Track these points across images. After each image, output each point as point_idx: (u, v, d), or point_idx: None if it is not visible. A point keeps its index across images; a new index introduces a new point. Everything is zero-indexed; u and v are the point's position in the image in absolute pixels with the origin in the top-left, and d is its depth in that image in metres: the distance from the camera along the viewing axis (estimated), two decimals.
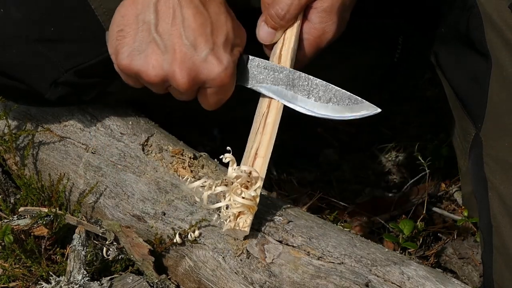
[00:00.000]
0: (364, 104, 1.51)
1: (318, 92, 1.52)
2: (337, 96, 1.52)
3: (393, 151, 2.26)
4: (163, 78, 1.48)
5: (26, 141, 1.78)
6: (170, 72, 1.46)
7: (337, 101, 1.52)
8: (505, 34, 1.55)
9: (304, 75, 1.53)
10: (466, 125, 1.67)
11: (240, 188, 1.48)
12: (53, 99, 1.66)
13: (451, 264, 1.97)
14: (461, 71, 1.67)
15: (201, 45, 1.45)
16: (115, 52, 1.50)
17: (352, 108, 1.52)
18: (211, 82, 1.48)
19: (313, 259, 1.48)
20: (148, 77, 1.48)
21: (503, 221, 1.57)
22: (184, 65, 1.45)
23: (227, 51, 1.48)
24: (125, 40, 1.48)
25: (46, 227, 1.65)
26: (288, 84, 1.52)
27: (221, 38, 1.47)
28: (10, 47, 1.63)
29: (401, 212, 2.09)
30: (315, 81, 1.52)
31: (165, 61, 1.46)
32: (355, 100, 1.51)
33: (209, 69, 1.46)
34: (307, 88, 1.53)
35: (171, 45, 1.45)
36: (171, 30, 1.45)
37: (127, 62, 1.48)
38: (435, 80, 2.33)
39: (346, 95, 1.52)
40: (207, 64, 1.46)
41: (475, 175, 1.65)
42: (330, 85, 1.52)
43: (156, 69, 1.47)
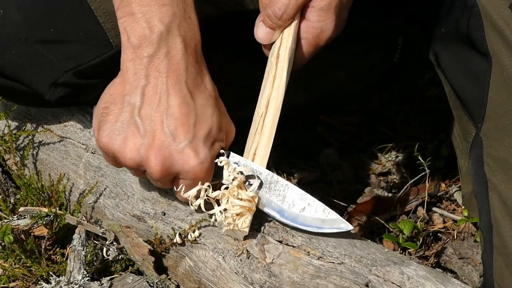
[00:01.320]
0: (337, 219, 1.49)
1: (293, 199, 1.50)
2: (312, 206, 1.49)
3: (393, 151, 2.26)
4: (138, 163, 1.47)
5: (26, 141, 1.78)
6: (145, 158, 1.45)
7: (311, 211, 1.49)
8: (505, 34, 1.55)
9: (282, 180, 1.51)
10: (466, 125, 1.67)
11: (236, 190, 1.48)
12: (53, 100, 1.66)
13: (451, 264, 1.97)
14: (462, 71, 1.67)
15: (181, 135, 1.44)
16: (97, 128, 1.49)
17: (324, 221, 1.49)
18: (185, 174, 1.47)
19: (313, 259, 1.48)
20: (124, 159, 1.47)
21: (504, 221, 1.57)
22: (160, 152, 1.44)
23: (207, 145, 1.46)
24: (108, 118, 1.48)
25: (46, 227, 1.65)
26: (264, 187, 1.50)
27: (203, 132, 1.46)
28: (10, 48, 1.63)
29: (401, 212, 2.09)
30: (292, 187, 1.50)
31: (143, 146, 1.45)
32: (328, 214, 1.49)
33: (184, 161, 1.45)
34: (282, 194, 1.50)
35: (151, 131, 1.45)
36: (153, 116, 1.44)
37: (106, 140, 1.47)
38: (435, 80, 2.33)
39: (321, 208, 1.49)
40: (183, 156, 1.45)
41: (476, 175, 1.65)
42: (307, 195, 1.50)
43: (133, 152, 1.46)
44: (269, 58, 1.58)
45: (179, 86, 1.45)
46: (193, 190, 1.49)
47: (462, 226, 2.03)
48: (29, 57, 1.63)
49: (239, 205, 1.47)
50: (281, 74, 1.55)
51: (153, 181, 1.52)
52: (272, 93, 1.54)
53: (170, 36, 1.44)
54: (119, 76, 1.48)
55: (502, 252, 1.58)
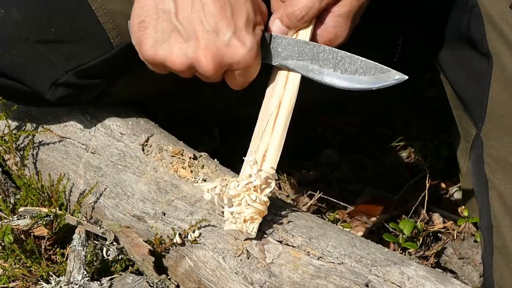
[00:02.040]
0: (390, 72, 1.51)
1: (344, 64, 1.52)
2: (363, 67, 1.52)
3: (393, 151, 2.26)
4: (188, 66, 1.48)
5: (26, 141, 1.78)
6: (195, 59, 1.46)
7: (363, 71, 1.52)
8: (506, 34, 1.55)
9: (329, 48, 1.53)
10: (467, 125, 1.67)
11: (253, 193, 1.48)
12: (53, 100, 1.66)
13: (451, 264, 1.97)
14: (462, 71, 1.67)
15: (223, 29, 1.45)
16: (138, 43, 1.50)
17: (378, 77, 1.51)
18: (237, 65, 1.48)
19: (313, 259, 1.48)
20: (174, 65, 1.48)
21: (504, 221, 1.57)
22: (208, 51, 1.45)
23: (250, 32, 1.47)
24: (147, 31, 1.48)
25: (46, 227, 1.65)
26: (313, 58, 1.52)
27: (242, 20, 1.47)
28: (10, 48, 1.63)
29: (401, 212, 2.09)
30: (339, 53, 1.52)
31: (189, 49, 1.46)
32: (381, 69, 1.51)
33: (234, 53, 1.46)
34: (332, 61, 1.52)
35: (193, 32, 1.45)
36: (191, 17, 1.45)
37: (151, 52, 1.48)
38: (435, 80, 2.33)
39: (372, 65, 1.52)
40: (231, 48, 1.46)
41: (476, 175, 1.65)
42: (356, 56, 1.52)
43: (181, 57, 1.47)
44: None
45: None
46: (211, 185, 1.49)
47: (462, 226, 2.03)
48: (30, 57, 1.63)
49: (254, 208, 1.46)
50: (294, 76, 1.55)
51: (205, 78, 1.53)
52: (285, 94, 1.54)
53: None
54: None
55: (502, 252, 1.58)
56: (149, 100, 1.83)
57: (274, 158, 1.52)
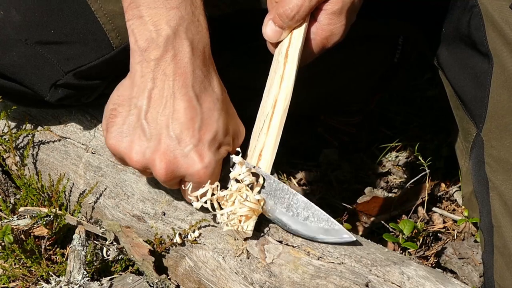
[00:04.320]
0: (339, 231, 1.49)
1: (297, 208, 1.50)
2: (316, 216, 1.49)
3: (393, 151, 2.26)
4: (144, 165, 1.48)
5: (26, 141, 1.78)
6: (151, 161, 1.46)
7: (314, 221, 1.49)
8: (506, 34, 1.55)
9: (287, 188, 1.51)
10: (467, 125, 1.67)
11: (245, 192, 1.48)
12: (53, 101, 1.66)
13: (451, 264, 1.97)
14: (462, 71, 1.67)
15: (186, 139, 1.45)
16: (105, 129, 1.51)
17: (327, 231, 1.49)
18: (190, 177, 1.48)
19: (313, 259, 1.48)
20: (131, 161, 1.48)
21: (504, 221, 1.57)
22: (165, 156, 1.45)
23: (212, 149, 1.47)
24: (115, 120, 1.49)
25: (46, 227, 1.65)
26: (270, 194, 1.51)
27: (208, 136, 1.46)
28: (10, 49, 1.63)
29: (401, 212, 2.09)
30: (296, 196, 1.50)
31: (148, 149, 1.46)
32: (331, 224, 1.49)
33: (189, 165, 1.46)
34: (287, 201, 1.50)
35: (157, 135, 1.45)
36: (159, 119, 1.45)
37: (113, 142, 1.49)
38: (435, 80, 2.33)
39: (325, 218, 1.49)
40: (188, 160, 1.45)
41: (476, 175, 1.65)
42: (311, 204, 1.50)
43: (138, 155, 1.47)
44: (275, 57, 1.57)
45: (186, 89, 1.45)
46: (201, 190, 1.49)
47: (462, 226, 2.03)
48: (29, 58, 1.63)
49: (247, 207, 1.47)
50: (289, 75, 1.54)
51: (160, 182, 1.53)
52: (280, 93, 1.53)
53: (177, 39, 1.44)
54: (127, 78, 1.49)
55: (503, 253, 1.58)
56: None
57: (269, 158, 1.51)
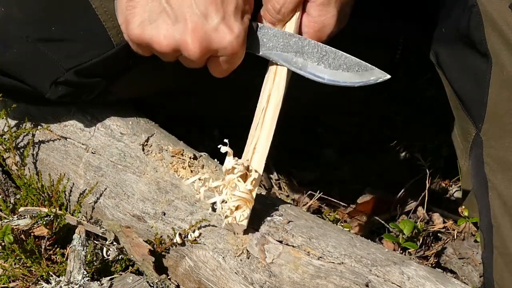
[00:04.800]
0: (374, 70, 1.52)
1: (328, 58, 1.53)
2: (347, 62, 1.53)
3: (393, 151, 2.26)
4: (174, 48, 1.49)
5: (26, 140, 1.78)
6: (181, 42, 1.47)
7: (347, 67, 1.53)
8: (505, 34, 1.55)
9: (314, 42, 1.54)
10: (467, 125, 1.67)
11: (235, 182, 1.48)
12: (53, 99, 1.66)
13: (451, 264, 1.97)
14: (462, 71, 1.67)
15: (212, 14, 1.46)
16: (125, 21, 1.50)
17: (361, 74, 1.53)
18: (222, 51, 1.49)
19: (313, 259, 1.48)
20: (160, 46, 1.48)
21: (504, 221, 1.57)
22: (196, 34, 1.46)
23: (238, 19, 1.49)
24: (135, 10, 1.49)
25: (46, 227, 1.65)
26: (297, 51, 1.53)
27: (231, 7, 1.48)
28: (11, 46, 1.63)
29: (401, 212, 2.09)
30: (324, 48, 1.53)
31: (176, 31, 1.47)
32: (364, 67, 1.52)
33: (221, 38, 1.47)
34: (316, 55, 1.53)
35: (182, 15, 1.46)
36: (182, 2, 1.46)
37: (138, 31, 1.49)
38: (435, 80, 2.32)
39: (356, 62, 1.53)
40: (219, 33, 1.47)
41: (476, 175, 1.65)
42: (340, 52, 1.53)
43: (168, 38, 1.47)
44: None
45: None
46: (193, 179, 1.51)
47: (462, 226, 2.03)
48: (30, 55, 1.63)
49: (238, 197, 1.47)
50: (281, 69, 1.56)
51: (188, 63, 1.53)
52: (273, 88, 1.55)
53: None
54: None
55: (502, 252, 1.58)
56: (149, 99, 1.83)
57: (263, 150, 1.52)
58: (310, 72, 1.54)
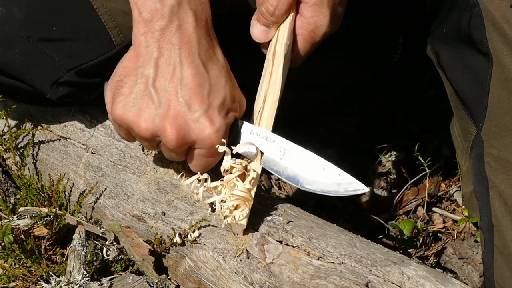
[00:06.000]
0: (352, 182, 1.50)
1: (308, 165, 1.51)
2: (328, 171, 1.51)
3: (393, 151, 2.26)
4: (153, 133, 1.48)
5: (26, 141, 1.78)
6: (160, 127, 1.47)
7: (327, 176, 1.51)
8: (506, 34, 1.55)
9: (296, 146, 1.52)
10: (467, 124, 1.67)
11: (234, 182, 1.49)
12: (54, 99, 1.66)
13: (451, 264, 1.97)
14: (462, 70, 1.67)
15: (196, 105, 1.46)
16: (110, 100, 1.51)
17: (340, 184, 1.51)
18: (201, 143, 1.48)
19: (313, 259, 1.48)
20: (139, 129, 1.48)
21: (504, 221, 1.57)
22: (176, 122, 1.46)
23: (222, 114, 1.48)
24: (122, 90, 1.49)
25: (46, 227, 1.65)
26: (281, 154, 1.52)
27: (217, 101, 1.47)
28: (12, 46, 1.63)
29: (401, 212, 2.09)
30: (307, 153, 1.52)
31: (157, 116, 1.46)
32: (343, 177, 1.51)
33: (200, 130, 1.46)
34: (298, 160, 1.52)
35: (166, 101, 1.46)
36: (168, 87, 1.46)
37: (120, 112, 1.49)
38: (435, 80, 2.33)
39: (336, 171, 1.51)
40: (199, 125, 1.46)
41: (476, 175, 1.65)
42: (322, 160, 1.51)
43: (148, 122, 1.47)
44: (266, 56, 1.58)
45: (192, 57, 1.46)
46: (191, 179, 1.50)
47: (462, 226, 2.03)
48: (31, 55, 1.63)
49: (236, 196, 1.47)
50: (277, 69, 1.56)
51: (167, 152, 1.53)
52: (269, 88, 1.55)
53: (181, 10, 1.46)
54: (131, 50, 1.49)
55: (503, 252, 1.58)
56: None
57: (270, 110, 1.53)
58: (288, 176, 1.52)
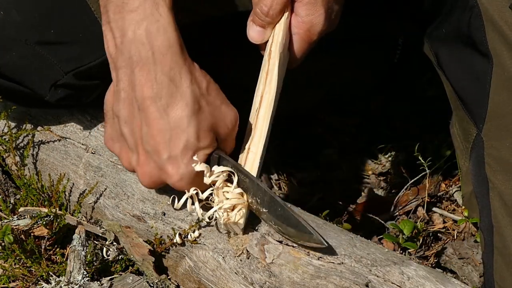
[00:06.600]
0: (312, 236, 1.44)
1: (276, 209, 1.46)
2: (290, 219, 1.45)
3: (393, 151, 2.26)
4: (132, 171, 1.51)
5: (26, 141, 1.78)
6: (136, 170, 1.49)
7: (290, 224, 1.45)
8: (506, 35, 1.55)
9: (272, 194, 1.47)
10: (467, 125, 1.67)
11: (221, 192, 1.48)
12: (52, 101, 1.66)
13: (451, 264, 1.97)
14: (462, 71, 1.67)
15: (160, 152, 1.44)
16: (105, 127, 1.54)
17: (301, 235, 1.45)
18: (172, 186, 1.48)
19: (313, 259, 1.48)
20: (123, 165, 1.52)
21: (504, 221, 1.57)
22: (145, 169, 1.46)
23: (185, 159, 1.44)
24: (107, 125, 1.51)
25: (46, 227, 1.65)
26: (255, 193, 1.48)
27: (179, 146, 1.43)
28: (10, 49, 1.63)
29: (401, 212, 2.09)
30: (277, 199, 1.46)
31: (132, 160, 1.48)
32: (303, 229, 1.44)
33: (166, 177, 1.46)
34: (267, 203, 1.47)
35: (135, 147, 1.46)
36: (135, 131, 1.45)
37: (108, 144, 1.52)
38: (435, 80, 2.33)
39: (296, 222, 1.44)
40: (163, 172, 1.45)
41: (476, 176, 1.65)
42: (288, 210, 1.45)
43: (126, 164, 1.50)
44: (263, 57, 1.58)
45: (150, 101, 1.42)
46: (182, 201, 1.50)
47: (462, 226, 2.03)
48: (29, 58, 1.63)
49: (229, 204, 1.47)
50: (272, 69, 1.55)
51: None
52: (265, 89, 1.54)
53: (134, 45, 1.41)
54: (112, 83, 1.49)
55: (503, 253, 1.58)
56: None
57: (257, 149, 1.51)
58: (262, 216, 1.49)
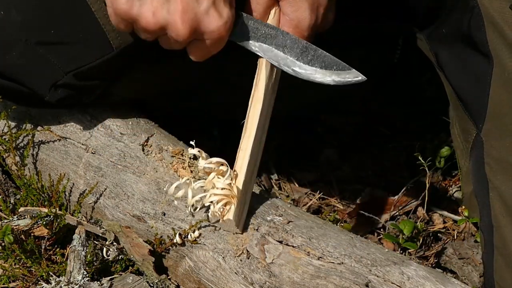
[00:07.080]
0: (351, 71, 1.53)
1: (307, 55, 1.53)
2: (326, 61, 1.53)
3: (393, 151, 2.26)
4: (161, 26, 1.48)
5: (26, 141, 1.78)
6: (171, 21, 1.46)
7: (325, 65, 1.53)
8: (506, 35, 1.55)
9: (295, 37, 1.54)
10: (467, 125, 1.67)
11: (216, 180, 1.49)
12: (53, 102, 1.66)
13: (451, 264, 1.97)
14: (463, 71, 1.67)
15: None
16: None
17: (339, 73, 1.53)
18: (209, 34, 1.49)
19: (313, 259, 1.48)
20: (147, 23, 1.47)
21: (504, 221, 1.57)
22: (186, 15, 1.46)
23: (227, 5, 1.48)
24: None
25: (46, 227, 1.65)
26: (278, 44, 1.54)
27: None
28: (10, 49, 1.63)
29: (401, 212, 2.09)
30: (305, 43, 1.54)
31: (166, 10, 1.46)
32: (343, 67, 1.53)
33: (210, 22, 1.47)
34: (296, 50, 1.54)
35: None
36: None
37: (126, 7, 1.47)
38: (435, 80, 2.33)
39: (334, 61, 1.53)
40: (208, 17, 1.47)
41: (476, 176, 1.65)
42: (320, 50, 1.54)
43: (157, 16, 1.47)
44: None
45: None
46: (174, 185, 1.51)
47: (462, 226, 2.03)
48: (29, 58, 1.63)
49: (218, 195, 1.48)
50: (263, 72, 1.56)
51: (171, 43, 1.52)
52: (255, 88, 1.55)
53: None
54: None
55: (503, 253, 1.58)
56: (150, 100, 1.83)
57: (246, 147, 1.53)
58: (288, 66, 1.54)
